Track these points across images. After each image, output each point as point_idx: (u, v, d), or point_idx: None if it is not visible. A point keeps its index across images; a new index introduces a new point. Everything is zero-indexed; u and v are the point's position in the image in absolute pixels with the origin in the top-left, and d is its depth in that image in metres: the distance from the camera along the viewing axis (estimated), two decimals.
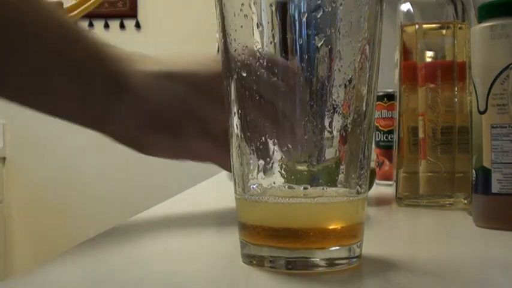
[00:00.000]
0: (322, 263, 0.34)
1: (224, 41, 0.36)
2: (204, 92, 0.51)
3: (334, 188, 0.35)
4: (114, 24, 2.65)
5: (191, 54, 0.55)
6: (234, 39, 0.35)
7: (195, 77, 0.52)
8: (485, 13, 0.49)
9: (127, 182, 2.62)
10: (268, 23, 0.34)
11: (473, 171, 0.50)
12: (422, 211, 0.60)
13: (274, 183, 0.35)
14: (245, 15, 0.34)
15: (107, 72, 0.50)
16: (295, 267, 0.34)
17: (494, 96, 0.48)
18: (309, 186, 0.35)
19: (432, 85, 0.63)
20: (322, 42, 0.33)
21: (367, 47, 0.35)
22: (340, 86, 0.34)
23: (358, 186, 0.35)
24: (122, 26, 2.65)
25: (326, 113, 0.34)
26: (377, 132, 0.88)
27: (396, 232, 0.50)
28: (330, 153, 0.35)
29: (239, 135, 0.36)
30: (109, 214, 2.46)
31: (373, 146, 0.89)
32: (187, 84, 0.51)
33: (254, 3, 0.34)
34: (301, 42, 0.33)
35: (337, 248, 0.34)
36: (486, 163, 0.48)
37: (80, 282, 0.34)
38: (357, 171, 0.35)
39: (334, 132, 0.34)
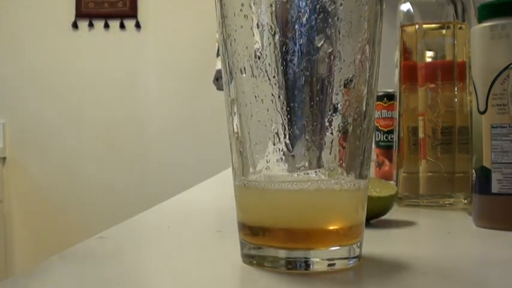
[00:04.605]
0: (322, 263, 0.34)
1: (224, 41, 0.36)
2: None
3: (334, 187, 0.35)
4: (114, 24, 2.65)
5: None
6: (234, 39, 0.35)
7: None
8: (485, 13, 0.49)
9: (127, 182, 2.63)
10: (268, 23, 0.34)
11: (473, 171, 0.50)
12: (422, 211, 0.60)
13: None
14: (245, 15, 0.34)
15: None
16: (295, 267, 0.34)
17: (494, 96, 0.48)
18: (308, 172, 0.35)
19: (432, 85, 0.63)
20: (322, 42, 0.33)
21: (367, 47, 0.35)
22: (340, 86, 0.34)
23: (358, 186, 0.35)
24: (122, 26, 2.65)
25: (326, 113, 0.34)
26: (377, 132, 0.88)
27: (396, 232, 0.50)
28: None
29: (239, 135, 0.36)
30: (109, 214, 2.46)
31: (373, 146, 0.89)
32: None
33: (254, 3, 0.34)
34: (301, 42, 0.33)
35: (337, 248, 0.34)
36: (486, 163, 0.48)
37: (80, 282, 0.34)
38: (357, 171, 0.35)
39: (334, 132, 0.34)
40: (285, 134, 0.34)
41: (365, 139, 0.35)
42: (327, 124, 0.34)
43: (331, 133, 0.34)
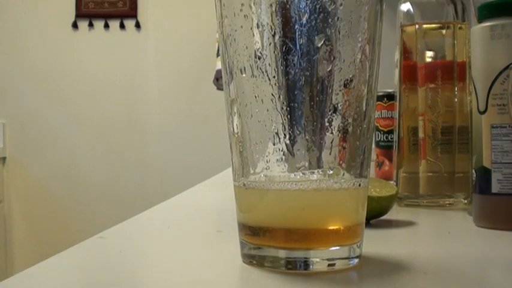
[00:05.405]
0: (322, 263, 0.34)
1: (224, 41, 0.36)
2: None
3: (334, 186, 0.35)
4: (114, 24, 2.65)
5: None
6: (234, 39, 0.35)
7: None
8: (485, 13, 0.49)
9: (127, 182, 2.63)
10: (268, 23, 0.34)
11: (473, 171, 0.50)
12: (422, 211, 0.60)
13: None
14: (245, 15, 0.34)
15: None
16: (295, 267, 0.34)
17: (494, 96, 0.48)
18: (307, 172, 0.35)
19: (432, 85, 0.63)
20: (322, 42, 0.33)
21: (367, 47, 0.35)
22: (340, 86, 0.34)
23: (358, 186, 0.35)
24: (122, 26, 2.65)
25: (326, 113, 0.34)
26: (377, 132, 0.88)
27: (396, 232, 0.50)
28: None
29: (239, 135, 0.36)
30: (109, 214, 2.47)
31: (373, 146, 0.89)
32: None
33: (254, 3, 0.34)
34: (301, 42, 0.33)
35: (337, 248, 0.34)
36: (486, 163, 0.48)
37: (80, 282, 0.34)
38: (357, 171, 0.35)
39: (334, 132, 0.34)
40: (285, 134, 0.34)
41: (365, 139, 0.35)
42: (327, 124, 0.34)
43: (331, 133, 0.34)
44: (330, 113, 0.34)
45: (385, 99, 0.87)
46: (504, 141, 0.48)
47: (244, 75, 0.35)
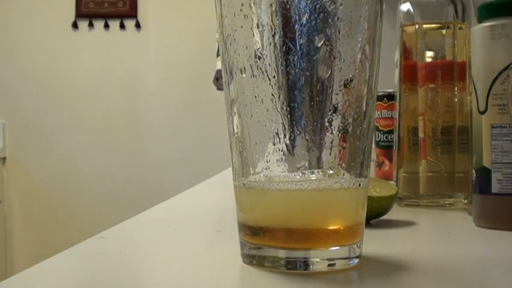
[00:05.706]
0: (322, 263, 0.34)
1: (224, 41, 0.36)
2: None
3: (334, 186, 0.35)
4: (114, 24, 2.65)
5: None
6: (234, 39, 0.35)
7: None
8: (485, 13, 0.49)
9: (127, 182, 2.63)
10: (268, 23, 0.34)
11: (473, 171, 0.50)
12: (422, 211, 0.60)
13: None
14: (245, 15, 0.34)
15: None
16: (295, 267, 0.34)
17: (494, 96, 0.48)
18: (306, 172, 0.35)
19: (432, 85, 0.63)
20: (322, 42, 0.33)
21: (367, 47, 0.35)
22: (340, 85, 0.34)
23: (358, 186, 0.35)
24: (122, 26, 2.65)
25: (326, 113, 0.34)
26: (377, 132, 0.88)
27: (396, 232, 0.50)
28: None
29: (239, 135, 0.36)
30: (109, 214, 2.47)
31: (373, 146, 0.89)
32: None
33: (254, 3, 0.34)
34: (301, 42, 0.33)
35: (337, 248, 0.34)
36: (486, 163, 0.48)
37: (80, 282, 0.34)
38: (357, 171, 0.35)
39: (334, 132, 0.34)
40: (285, 134, 0.34)
41: (365, 139, 0.35)
42: (327, 124, 0.34)
43: (331, 133, 0.34)
44: (330, 113, 0.34)
45: (385, 99, 0.87)
46: (504, 141, 0.48)
47: (244, 75, 0.35)
